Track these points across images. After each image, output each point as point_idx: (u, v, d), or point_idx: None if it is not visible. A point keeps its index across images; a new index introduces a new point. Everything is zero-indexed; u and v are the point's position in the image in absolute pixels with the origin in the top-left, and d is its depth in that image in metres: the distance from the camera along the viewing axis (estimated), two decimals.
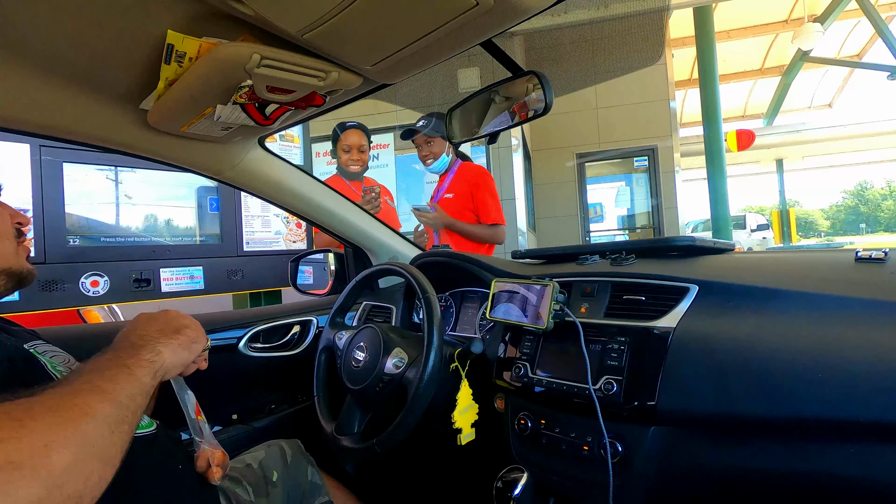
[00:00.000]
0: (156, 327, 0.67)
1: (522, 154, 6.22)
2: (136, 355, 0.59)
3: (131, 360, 0.57)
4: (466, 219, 2.24)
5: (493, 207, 2.23)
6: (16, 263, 0.69)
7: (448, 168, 2.34)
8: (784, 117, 14.55)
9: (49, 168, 1.63)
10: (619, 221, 7.97)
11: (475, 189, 2.24)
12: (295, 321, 1.34)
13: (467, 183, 2.26)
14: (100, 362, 0.55)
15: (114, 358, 0.56)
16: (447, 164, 2.33)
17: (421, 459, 1.27)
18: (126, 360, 0.57)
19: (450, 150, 2.33)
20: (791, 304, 0.71)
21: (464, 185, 2.27)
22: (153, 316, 0.69)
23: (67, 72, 0.73)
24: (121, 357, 0.57)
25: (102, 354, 0.58)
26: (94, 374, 0.52)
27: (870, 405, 0.58)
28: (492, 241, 2.26)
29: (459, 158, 2.37)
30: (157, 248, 1.89)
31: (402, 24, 0.62)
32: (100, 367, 0.54)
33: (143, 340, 0.62)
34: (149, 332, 0.65)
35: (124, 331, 0.65)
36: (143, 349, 0.60)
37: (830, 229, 37.93)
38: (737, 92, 13.79)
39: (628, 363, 0.76)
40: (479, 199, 2.24)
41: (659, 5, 5.84)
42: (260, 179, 1.17)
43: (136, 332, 0.64)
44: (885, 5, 9.91)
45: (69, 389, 0.48)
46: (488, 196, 2.24)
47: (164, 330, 0.67)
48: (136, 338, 0.63)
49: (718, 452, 0.69)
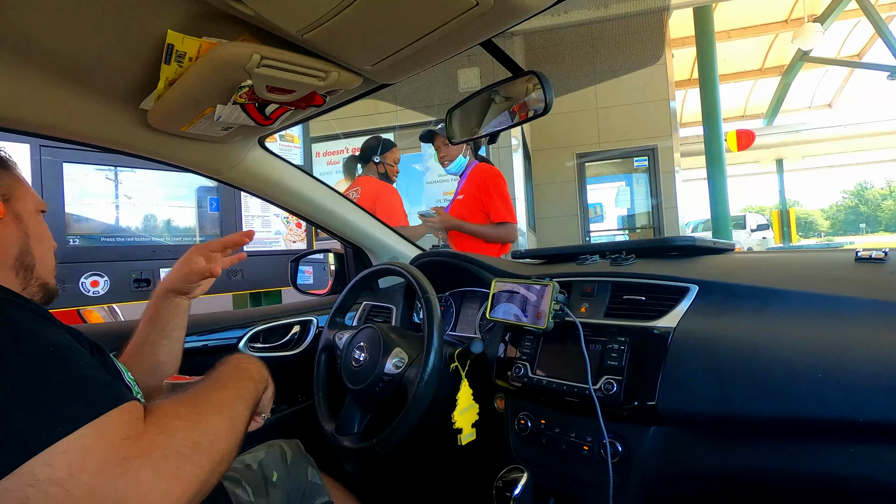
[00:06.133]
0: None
1: (522, 154, 6.21)
2: (249, 370, 0.70)
3: (254, 376, 0.70)
4: (478, 220, 2.24)
5: (502, 206, 2.23)
6: (51, 280, 0.74)
7: (464, 170, 2.34)
8: (784, 117, 14.54)
9: (49, 168, 1.63)
10: (619, 221, 7.96)
11: (484, 189, 2.24)
12: (295, 321, 1.34)
13: (477, 184, 2.26)
14: (232, 371, 0.68)
15: (243, 373, 0.68)
16: (463, 165, 2.33)
17: (421, 459, 1.27)
18: (251, 373, 0.70)
19: (467, 152, 2.33)
20: (791, 304, 0.71)
21: (474, 186, 2.27)
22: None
23: (67, 72, 0.73)
24: (245, 370, 0.69)
25: (230, 366, 0.69)
26: (234, 381, 0.65)
27: (870, 405, 0.58)
28: (502, 240, 2.26)
29: (476, 160, 2.37)
30: (157, 248, 1.89)
31: (402, 24, 0.62)
32: (234, 377, 0.66)
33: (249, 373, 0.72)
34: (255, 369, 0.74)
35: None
36: (252, 378, 0.70)
37: (830, 229, 37.93)
38: (737, 92, 13.78)
39: (628, 363, 0.76)
40: (487, 199, 2.23)
41: (659, 5, 5.83)
42: (260, 179, 1.17)
43: (241, 359, 0.73)
44: (885, 5, 9.90)
45: (224, 394, 0.61)
46: (496, 195, 2.23)
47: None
48: (243, 362, 0.73)
49: (718, 452, 0.69)
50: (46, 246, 0.73)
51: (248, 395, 0.64)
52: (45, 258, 0.72)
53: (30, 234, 0.69)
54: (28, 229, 0.69)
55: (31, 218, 0.70)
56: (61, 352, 0.50)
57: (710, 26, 7.51)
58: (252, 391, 0.66)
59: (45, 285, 0.72)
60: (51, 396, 0.46)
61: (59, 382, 0.47)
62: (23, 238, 0.68)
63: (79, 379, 0.49)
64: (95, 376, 0.50)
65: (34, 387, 0.46)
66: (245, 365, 0.70)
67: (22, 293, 0.66)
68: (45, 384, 0.47)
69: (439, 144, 2.35)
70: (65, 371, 0.49)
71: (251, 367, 0.71)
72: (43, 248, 0.72)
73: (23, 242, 0.68)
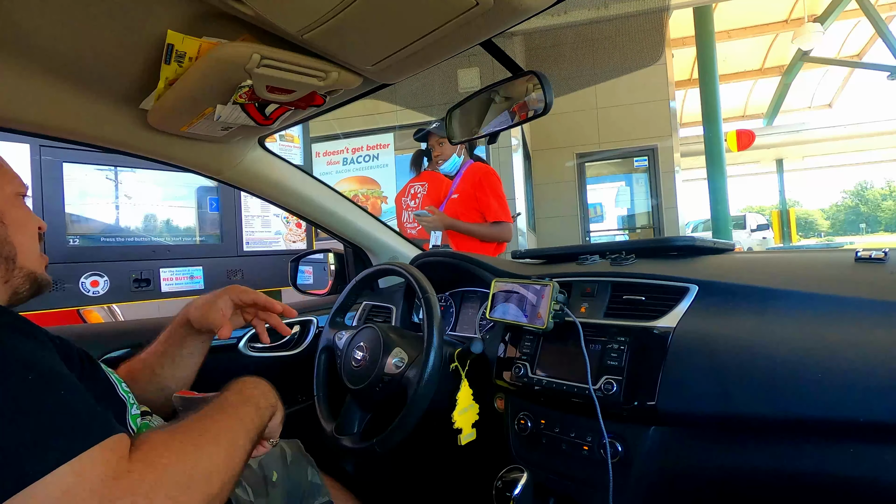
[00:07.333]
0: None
1: (522, 154, 6.21)
2: (256, 398, 0.65)
3: (260, 403, 0.65)
4: (473, 219, 2.23)
5: (497, 205, 2.22)
6: (39, 268, 0.68)
7: (458, 170, 2.34)
8: (784, 117, 14.53)
9: (49, 168, 1.63)
10: (619, 221, 7.96)
11: (478, 188, 2.23)
12: (295, 321, 1.34)
13: (472, 183, 2.26)
14: (235, 398, 0.63)
15: (247, 400, 0.64)
16: (458, 165, 2.32)
17: (421, 459, 1.27)
18: (256, 400, 0.65)
19: (461, 152, 2.32)
20: (791, 304, 0.71)
21: (468, 185, 2.27)
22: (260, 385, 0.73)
23: (67, 72, 0.73)
24: (249, 398, 0.65)
25: (233, 392, 0.65)
26: (236, 408, 0.61)
27: (870, 405, 0.58)
28: (497, 239, 2.25)
29: (472, 159, 2.36)
30: (157, 248, 1.89)
31: (402, 24, 0.62)
32: (236, 403, 0.62)
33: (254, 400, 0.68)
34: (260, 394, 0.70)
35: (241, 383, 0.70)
36: (257, 397, 0.66)
37: (830, 229, 37.90)
38: (737, 92, 13.78)
39: (628, 363, 0.76)
40: (482, 198, 2.23)
41: (659, 5, 5.84)
42: (260, 179, 1.17)
43: (247, 384, 0.69)
44: (885, 5, 9.90)
45: (223, 424, 0.57)
46: (491, 194, 2.23)
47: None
48: (249, 388, 0.68)
49: (718, 452, 0.69)
50: (28, 233, 0.66)
51: (250, 424, 0.60)
52: (27, 246, 0.65)
53: (6, 221, 0.63)
54: (4, 217, 0.62)
55: (8, 203, 0.64)
56: (38, 376, 0.46)
57: (710, 26, 7.52)
58: (256, 419, 0.62)
59: (31, 275, 0.65)
60: (26, 431, 0.42)
61: (36, 414, 0.43)
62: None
63: (58, 411, 0.44)
64: (77, 407, 0.46)
65: (6, 419, 0.42)
66: (249, 391, 0.65)
67: (4, 287, 0.62)
68: (21, 415, 0.42)
69: (434, 144, 2.34)
70: (43, 400, 0.44)
71: (255, 393, 0.66)
72: (24, 235, 0.65)
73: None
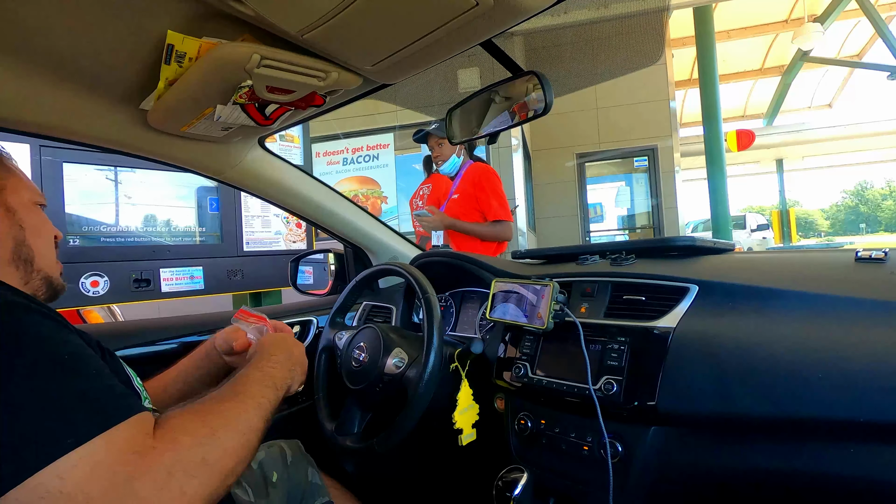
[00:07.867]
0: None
1: (522, 154, 6.21)
2: (274, 376, 0.67)
3: (277, 381, 0.67)
4: (474, 218, 2.24)
5: (497, 204, 2.22)
6: (55, 273, 0.72)
7: (458, 170, 2.34)
8: (784, 117, 14.55)
9: (49, 168, 1.63)
10: (619, 221, 7.96)
11: (478, 188, 2.24)
12: (295, 321, 1.34)
13: (471, 183, 2.26)
14: (256, 375, 0.66)
15: (265, 378, 0.66)
16: (457, 166, 2.33)
17: (421, 459, 1.27)
18: (275, 379, 0.67)
19: (461, 152, 2.33)
20: (791, 304, 0.71)
21: (468, 185, 2.27)
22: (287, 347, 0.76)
23: (67, 72, 0.72)
24: (269, 376, 0.67)
25: (255, 367, 0.67)
26: (254, 388, 0.63)
27: (870, 405, 0.58)
28: (498, 238, 2.25)
29: (472, 160, 2.37)
30: (157, 248, 1.89)
31: (402, 24, 0.62)
32: (256, 381, 0.64)
33: (274, 367, 0.70)
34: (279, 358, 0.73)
35: (264, 352, 0.73)
36: (276, 374, 0.69)
37: (830, 229, 37.92)
38: (737, 92, 13.77)
39: (628, 363, 0.76)
40: (482, 197, 2.23)
41: (659, 5, 5.83)
42: (260, 179, 1.17)
43: (270, 359, 0.71)
44: (885, 5, 9.90)
45: (240, 406, 0.58)
46: (491, 193, 2.23)
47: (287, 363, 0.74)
48: (269, 364, 0.70)
49: (718, 452, 0.69)
50: (45, 239, 0.70)
51: (267, 404, 0.62)
52: (45, 251, 0.70)
53: (24, 225, 0.67)
54: (23, 221, 0.66)
55: (26, 210, 0.68)
56: (74, 359, 0.49)
57: (710, 26, 7.51)
58: (273, 400, 0.64)
59: (48, 279, 0.70)
60: (63, 406, 0.45)
61: (71, 391, 0.46)
62: (17, 230, 0.66)
63: (92, 388, 0.48)
64: (108, 385, 0.50)
65: (46, 395, 0.45)
66: (269, 369, 0.68)
67: (24, 288, 0.65)
68: (58, 392, 0.46)
69: (433, 145, 2.35)
70: (78, 379, 0.48)
71: (275, 372, 0.68)
72: (41, 240, 0.69)
73: (17, 234, 0.66)
